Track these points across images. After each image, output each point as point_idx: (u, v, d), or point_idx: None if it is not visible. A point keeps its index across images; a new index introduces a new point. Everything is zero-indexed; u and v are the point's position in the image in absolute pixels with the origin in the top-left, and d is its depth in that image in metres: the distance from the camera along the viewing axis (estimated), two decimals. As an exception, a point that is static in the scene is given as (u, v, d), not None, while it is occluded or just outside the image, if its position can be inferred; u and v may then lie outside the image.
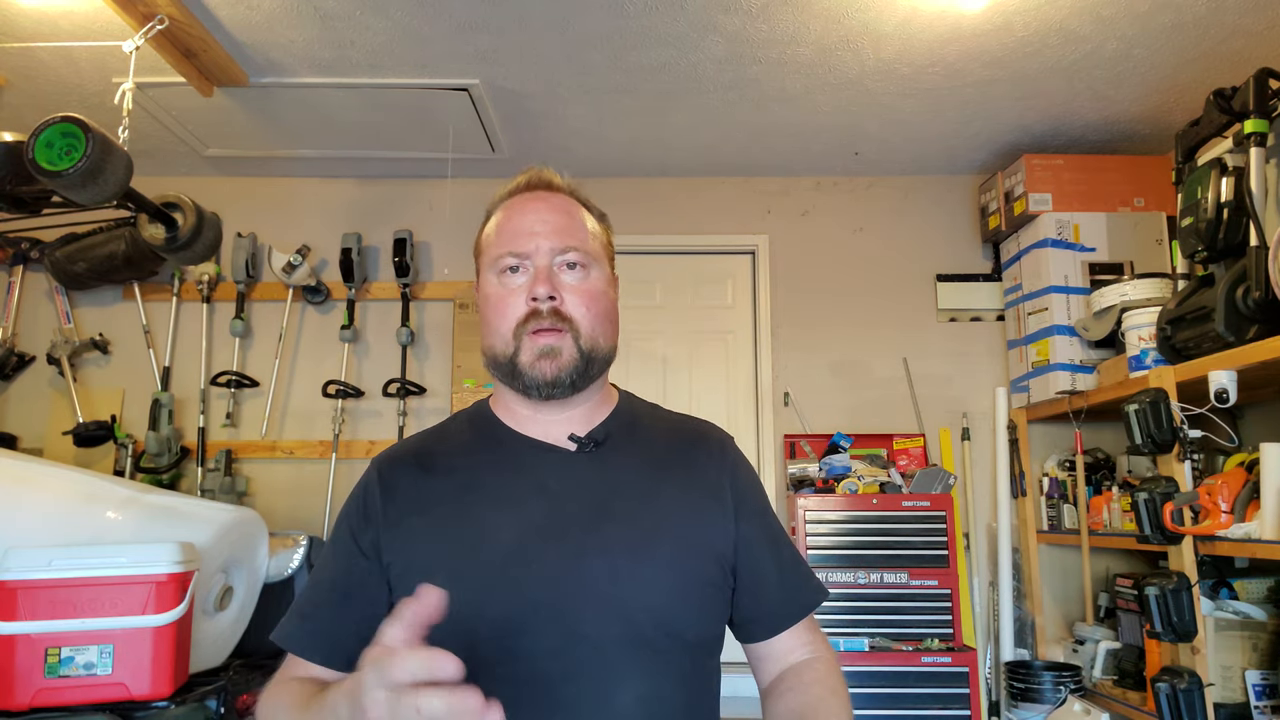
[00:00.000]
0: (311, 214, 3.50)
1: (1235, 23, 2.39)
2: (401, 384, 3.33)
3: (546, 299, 1.00)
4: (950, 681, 2.75)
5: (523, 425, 1.06)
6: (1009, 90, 2.80)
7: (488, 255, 1.06)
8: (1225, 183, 2.20)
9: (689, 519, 1.03)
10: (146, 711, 1.92)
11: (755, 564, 1.07)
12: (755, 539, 1.08)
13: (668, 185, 3.52)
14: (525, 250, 1.02)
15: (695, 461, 1.09)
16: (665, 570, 0.98)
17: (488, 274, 1.05)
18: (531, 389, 1.01)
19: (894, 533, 2.91)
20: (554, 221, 1.03)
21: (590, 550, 0.96)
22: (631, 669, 0.94)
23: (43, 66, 2.63)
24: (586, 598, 0.94)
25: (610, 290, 1.08)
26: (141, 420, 3.25)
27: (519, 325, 1.01)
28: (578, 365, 1.01)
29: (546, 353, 1.00)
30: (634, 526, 0.99)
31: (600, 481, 1.02)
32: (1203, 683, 2.09)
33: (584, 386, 1.04)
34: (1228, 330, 2.11)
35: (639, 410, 1.15)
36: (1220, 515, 2.09)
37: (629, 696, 0.93)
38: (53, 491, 2.13)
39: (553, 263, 1.02)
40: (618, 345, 1.08)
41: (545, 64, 2.63)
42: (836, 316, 3.46)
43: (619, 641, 0.94)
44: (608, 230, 1.12)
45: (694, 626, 1.00)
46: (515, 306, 1.01)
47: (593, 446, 1.04)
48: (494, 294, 1.03)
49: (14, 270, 3.37)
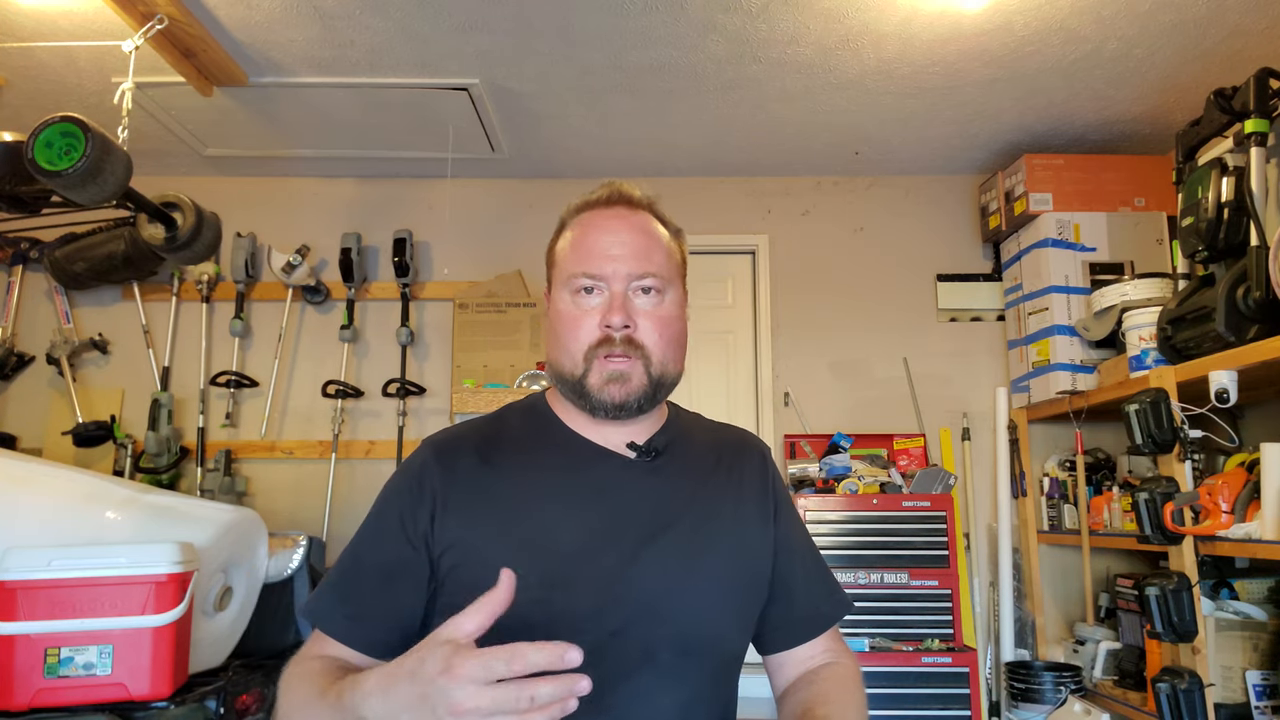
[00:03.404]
0: (311, 214, 3.49)
1: (1235, 22, 2.39)
2: (401, 384, 3.32)
3: (621, 327, 1.00)
4: (950, 682, 2.75)
5: (582, 428, 1.06)
6: (1009, 90, 2.80)
7: (561, 270, 1.05)
8: (1226, 183, 2.19)
9: (738, 531, 1.05)
10: (146, 712, 1.92)
11: (786, 572, 1.08)
12: (788, 548, 1.09)
13: (668, 185, 3.51)
14: (602, 274, 1.01)
15: (742, 473, 1.10)
16: (715, 582, 1.00)
17: (561, 290, 1.04)
18: (598, 410, 1.01)
19: (894, 533, 2.91)
20: (632, 244, 1.02)
21: (646, 557, 0.97)
22: (676, 676, 0.95)
23: (42, 66, 2.63)
24: (639, 604, 0.94)
25: (682, 314, 1.07)
26: (141, 420, 3.24)
27: (591, 349, 1.00)
28: (646, 391, 1.01)
29: (616, 378, 1.00)
30: (687, 537, 1.00)
31: (657, 490, 1.03)
32: (1203, 683, 2.09)
33: (650, 410, 1.05)
34: (1228, 330, 2.11)
35: (687, 421, 1.16)
36: (1221, 515, 2.09)
37: (671, 702, 0.94)
38: (52, 492, 2.13)
39: (628, 288, 1.01)
40: (684, 367, 1.08)
41: (545, 64, 2.63)
42: (836, 316, 3.46)
43: (667, 648, 0.95)
44: (682, 246, 1.11)
45: (733, 637, 1.02)
46: (588, 330, 1.00)
47: (653, 455, 1.04)
48: (567, 313, 1.02)
49: (14, 270, 3.36)
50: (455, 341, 3.37)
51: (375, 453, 3.34)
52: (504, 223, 3.49)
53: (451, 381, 3.33)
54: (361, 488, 3.31)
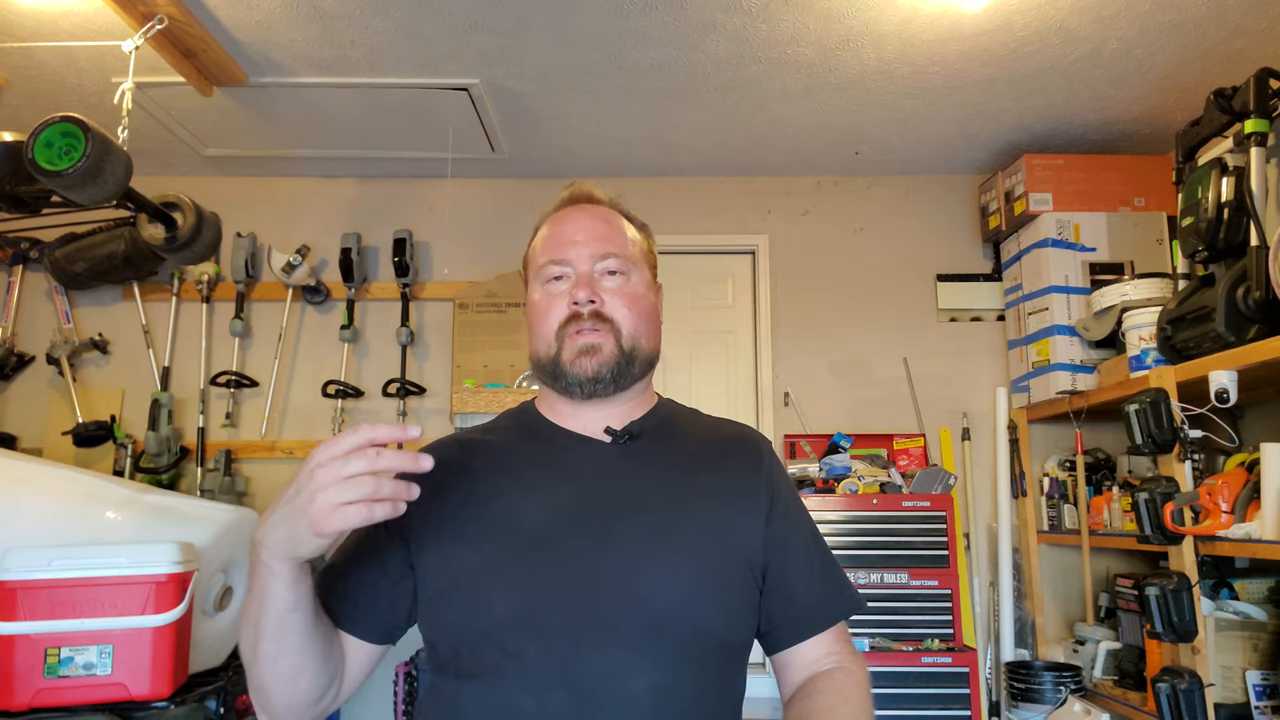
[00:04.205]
0: (311, 214, 3.49)
1: (1235, 22, 2.39)
2: (401, 384, 3.32)
3: (587, 302, 1.03)
4: (950, 682, 2.75)
5: (563, 420, 1.09)
6: (1009, 90, 2.80)
7: (533, 266, 1.11)
8: (1226, 183, 2.19)
9: (718, 515, 1.04)
10: (146, 711, 1.92)
11: (784, 568, 1.06)
12: (786, 542, 1.07)
13: (668, 185, 3.52)
14: (567, 258, 1.06)
15: (730, 461, 1.10)
16: (690, 561, 0.98)
17: (534, 284, 1.10)
18: (574, 386, 1.04)
19: (894, 533, 2.91)
20: (594, 229, 1.08)
21: (616, 536, 0.97)
22: (647, 656, 0.93)
23: (42, 66, 2.63)
24: (607, 582, 0.94)
25: (651, 294, 1.11)
26: (141, 420, 3.24)
27: (560, 327, 1.04)
28: (619, 362, 1.04)
29: (587, 350, 1.03)
30: (662, 519, 1.00)
31: (631, 472, 1.04)
32: (1203, 683, 2.09)
33: (626, 385, 1.07)
34: (1228, 330, 2.11)
35: (677, 412, 1.17)
36: (1221, 515, 2.09)
37: (642, 683, 0.92)
38: (52, 492, 2.13)
39: (594, 269, 1.06)
40: (660, 348, 1.12)
41: (545, 64, 2.63)
42: (836, 316, 3.46)
43: (636, 627, 0.94)
44: (649, 239, 1.16)
45: (716, 622, 0.99)
46: (557, 310, 1.05)
47: (627, 439, 1.06)
48: (539, 302, 1.08)
49: (14, 270, 3.36)
50: (455, 341, 3.37)
51: (375, 453, 3.34)
52: (504, 223, 3.49)
53: (451, 381, 3.33)
54: (361, 488, 3.31)
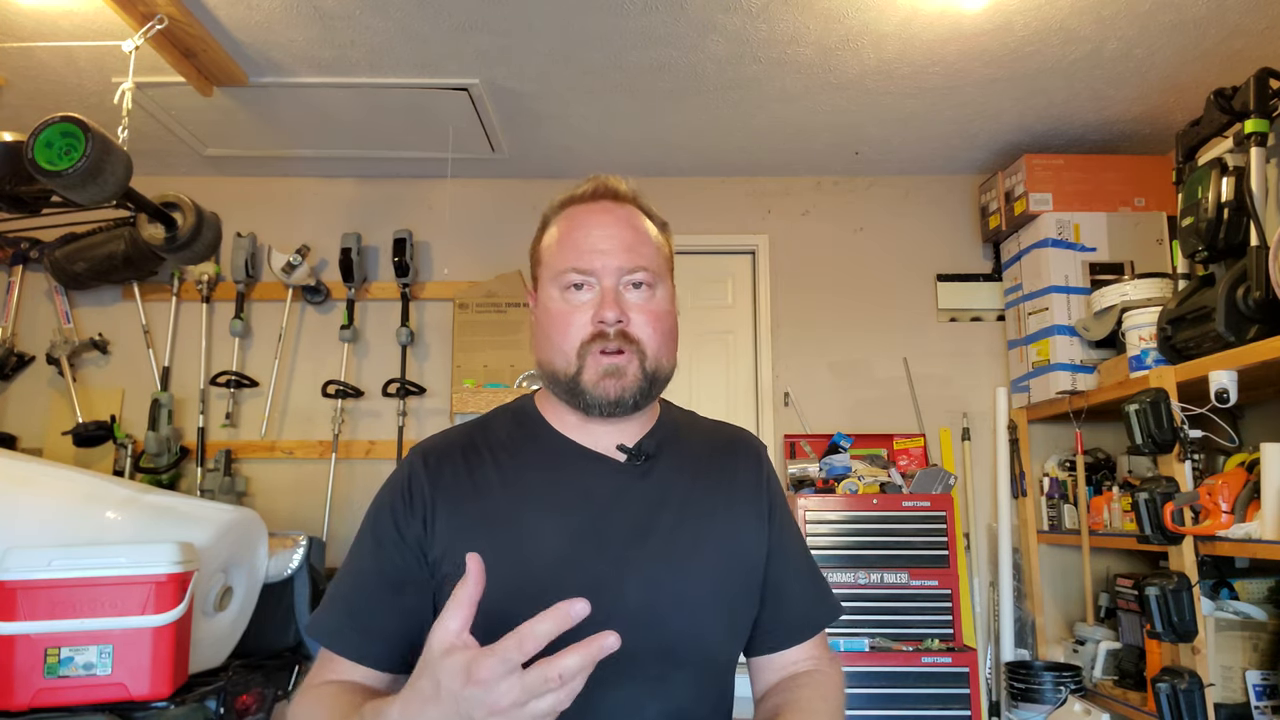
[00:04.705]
0: (311, 214, 3.49)
1: (1235, 22, 2.39)
2: (401, 384, 3.32)
3: (615, 322, 0.97)
4: (950, 682, 2.75)
5: (571, 432, 1.04)
6: (1009, 90, 2.80)
7: (549, 267, 1.02)
8: (1226, 183, 2.19)
9: (730, 536, 1.02)
10: (146, 712, 1.92)
11: (781, 577, 1.06)
12: (784, 551, 1.07)
13: (668, 185, 3.51)
14: (592, 268, 0.98)
15: (735, 474, 1.08)
16: (703, 590, 0.97)
17: (549, 287, 1.01)
18: (593, 408, 0.99)
19: (894, 533, 2.91)
20: (621, 238, 1.00)
21: (632, 563, 0.95)
22: (664, 687, 0.93)
23: (42, 66, 2.63)
24: (624, 610, 0.92)
25: (673, 308, 1.05)
26: (141, 420, 3.24)
27: (584, 344, 0.98)
28: (641, 386, 0.99)
29: (612, 372, 0.97)
30: (676, 543, 0.98)
31: (645, 494, 1.00)
32: (1203, 683, 2.09)
33: (644, 406, 1.02)
34: (1228, 330, 2.11)
35: (679, 420, 1.13)
36: (1221, 515, 2.09)
37: (656, 711, 0.92)
38: (52, 492, 2.13)
39: (619, 283, 0.99)
40: (677, 363, 1.06)
41: (545, 64, 2.63)
42: (836, 316, 3.46)
43: (651, 656, 0.93)
44: (669, 240, 1.09)
45: (726, 644, 1.00)
46: (580, 326, 0.98)
47: (643, 459, 1.02)
48: (558, 310, 1.00)
49: (14, 270, 3.36)
50: (455, 341, 3.37)
51: (375, 453, 3.34)
52: (504, 223, 3.50)
53: (451, 381, 3.33)
54: (361, 488, 3.31)
